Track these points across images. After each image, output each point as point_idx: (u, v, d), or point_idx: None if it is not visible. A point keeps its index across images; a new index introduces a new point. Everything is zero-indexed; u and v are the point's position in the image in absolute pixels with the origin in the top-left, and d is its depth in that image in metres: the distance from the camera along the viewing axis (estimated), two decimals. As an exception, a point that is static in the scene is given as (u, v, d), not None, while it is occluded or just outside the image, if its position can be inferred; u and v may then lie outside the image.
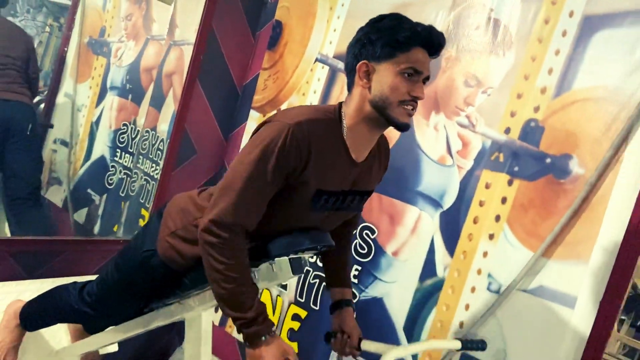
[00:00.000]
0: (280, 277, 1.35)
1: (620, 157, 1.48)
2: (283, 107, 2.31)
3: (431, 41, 1.20)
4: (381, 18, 1.24)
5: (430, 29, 1.21)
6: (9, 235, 2.25)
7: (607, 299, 1.45)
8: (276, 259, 1.31)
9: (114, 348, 2.14)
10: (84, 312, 1.59)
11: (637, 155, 1.45)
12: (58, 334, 1.96)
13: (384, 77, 1.20)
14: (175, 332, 2.45)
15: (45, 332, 1.93)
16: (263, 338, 1.17)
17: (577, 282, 1.52)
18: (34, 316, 1.76)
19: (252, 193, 1.15)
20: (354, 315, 1.50)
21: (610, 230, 1.48)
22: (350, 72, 1.27)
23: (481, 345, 1.42)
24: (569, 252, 1.54)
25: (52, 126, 2.71)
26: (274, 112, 2.10)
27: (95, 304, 1.55)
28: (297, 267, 1.32)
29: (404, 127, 1.24)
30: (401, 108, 1.21)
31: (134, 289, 1.45)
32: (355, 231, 1.58)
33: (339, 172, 1.26)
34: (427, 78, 1.24)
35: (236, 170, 1.17)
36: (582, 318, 1.50)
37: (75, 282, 1.67)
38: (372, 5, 2.06)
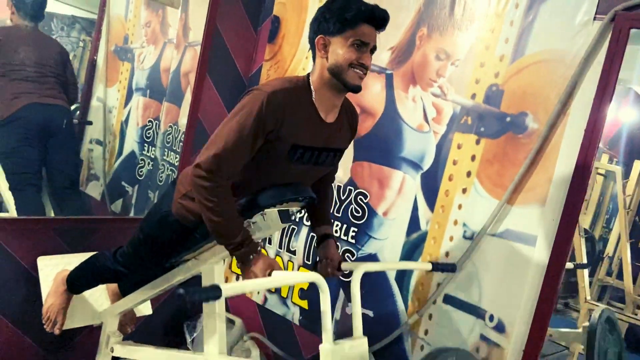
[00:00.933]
0: (272, 226, 1.62)
1: (567, 111, 1.68)
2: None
3: (374, 17, 1.45)
4: (334, 0, 1.49)
5: (373, 8, 1.46)
6: (52, 215, 2.58)
7: (561, 233, 1.66)
8: (266, 211, 1.58)
9: (148, 311, 2.46)
10: (118, 271, 1.90)
11: (581, 108, 1.65)
12: (100, 299, 2.29)
13: (337, 49, 1.46)
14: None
15: (89, 296, 2.26)
16: (251, 257, 1.46)
17: (536, 223, 1.73)
18: (78, 280, 2.08)
19: (232, 147, 1.41)
20: (336, 246, 1.75)
21: (561, 175, 1.68)
22: (312, 46, 1.53)
23: (451, 267, 1.67)
24: (528, 197, 1.76)
25: (90, 123, 3.02)
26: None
27: (126, 262, 1.86)
28: (284, 217, 1.59)
29: (356, 89, 1.49)
30: (352, 72, 1.46)
31: (156, 245, 1.74)
32: (333, 177, 1.84)
33: (311, 130, 1.51)
34: (374, 48, 1.49)
35: (221, 129, 1.44)
36: (541, 253, 1.71)
37: (110, 249, 1.98)
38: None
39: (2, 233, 2.11)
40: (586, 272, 3.54)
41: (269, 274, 1.44)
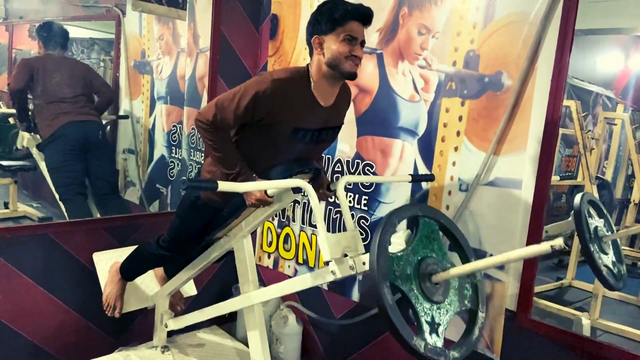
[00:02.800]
0: (286, 198, 1.87)
1: (535, 66, 1.88)
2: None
3: (359, 14, 1.68)
4: (323, 4, 1.73)
5: (358, 6, 1.69)
6: (98, 216, 2.89)
7: (540, 174, 1.86)
8: (279, 184, 1.84)
9: (194, 292, 2.76)
10: (162, 255, 2.20)
11: (547, 62, 1.84)
12: (150, 284, 2.60)
13: (331, 45, 1.69)
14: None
15: (141, 283, 2.57)
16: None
17: (520, 168, 1.93)
18: (130, 268, 2.39)
19: (226, 107, 1.70)
20: (327, 179, 1.98)
21: (536, 123, 1.88)
22: (309, 45, 1.77)
23: (430, 177, 2.00)
24: (511, 147, 1.96)
25: (127, 117, 3.28)
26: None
27: (168, 246, 2.15)
28: (295, 188, 1.84)
29: (352, 75, 1.72)
30: (348, 62, 1.69)
31: (191, 226, 2.03)
32: (341, 159, 2.04)
33: (311, 115, 1.76)
34: (363, 42, 1.71)
35: (225, 94, 1.73)
36: (527, 194, 1.92)
37: (153, 239, 2.28)
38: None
39: (60, 236, 2.43)
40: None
41: (265, 192, 1.71)
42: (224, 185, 1.51)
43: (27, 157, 2.90)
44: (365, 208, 2.48)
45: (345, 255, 1.65)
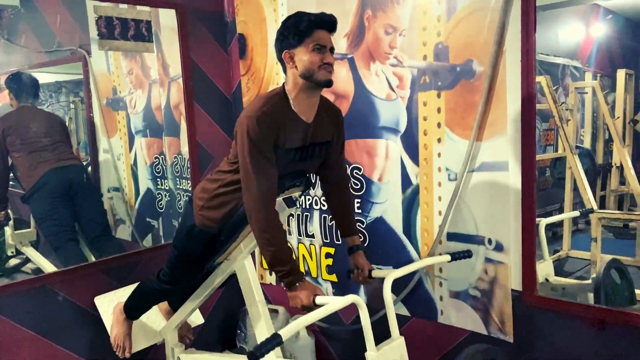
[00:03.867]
0: (281, 213, 1.88)
1: (503, 48, 1.92)
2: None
3: (324, 22, 1.70)
4: (287, 19, 1.75)
5: (321, 15, 1.71)
6: (93, 259, 2.87)
7: (525, 152, 1.90)
8: (273, 200, 1.84)
9: (200, 320, 2.75)
10: (165, 288, 2.18)
11: (514, 43, 1.88)
12: (156, 319, 2.58)
13: (303, 57, 1.70)
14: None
15: (147, 319, 2.55)
16: (297, 284, 1.71)
17: (504, 150, 1.97)
18: (133, 307, 2.37)
19: (262, 171, 1.67)
20: (364, 254, 2.00)
21: (513, 104, 1.92)
22: (281, 61, 1.78)
23: (467, 254, 1.93)
24: (492, 131, 2.00)
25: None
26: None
27: (169, 279, 2.13)
28: (289, 202, 1.86)
29: (328, 83, 1.74)
30: (322, 70, 1.71)
31: (190, 256, 2.02)
32: (346, 182, 2.04)
33: (298, 133, 1.77)
34: (332, 48, 1.74)
35: (244, 163, 1.69)
36: (514, 174, 1.95)
37: (152, 275, 2.26)
38: (303, -3, 2.56)
39: (59, 285, 2.41)
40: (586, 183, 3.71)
41: (313, 300, 1.67)
42: (286, 333, 1.41)
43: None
44: (359, 210, 2.49)
45: None
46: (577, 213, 3.53)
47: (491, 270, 2.08)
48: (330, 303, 1.60)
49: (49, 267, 2.74)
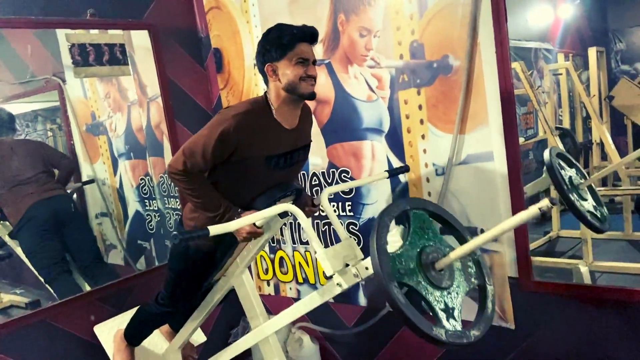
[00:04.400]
0: (275, 224, 1.88)
1: (477, 40, 1.95)
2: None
3: (306, 35, 1.71)
4: (268, 32, 1.75)
5: (303, 28, 1.72)
6: (89, 288, 2.83)
7: (508, 140, 1.93)
8: (266, 213, 1.85)
9: (203, 339, 2.74)
10: (165, 312, 2.17)
11: (487, 34, 1.91)
12: (158, 342, 2.56)
13: (285, 70, 1.71)
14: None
15: (149, 344, 2.53)
16: (235, 218, 1.74)
17: (488, 140, 2.00)
18: (134, 333, 2.35)
19: (195, 153, 1.70)
20: (309, 196, 2.02)
21: (492, 95, 1.95)
22: (262, 74, 1.78)
23: (405, 168, 2.07)
24: (474, 123, 2.03)
25: (93, 181, 3.24)
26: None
27: (168, 302, 2.13)
28: (282, 213, 1.85)
29: (311, 96, 1.75)
30: (304, 83, 1.72)
31: (187, 276, 2.02)
32: (316, 172, 2.12)
33: (279, 140, 1.78)
34: (315, 61, 1.75)
35: (192, 138, 1.74)
36: (500, 163, 1.98)
37: (150, 298, 2.25)
38: (274, 6, 2.56)
39: (57, 318, 2.38)
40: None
41: (254, 224, 1.73)
42: (215, 229, 1.53)
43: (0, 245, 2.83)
44: (352, 213, 2.50)
45: (347, 265, 1.67)
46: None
47: (486, 260, 2.10)
48: (265, 210, 1.69)
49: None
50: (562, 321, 1.99)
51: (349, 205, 2.51)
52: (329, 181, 2.55)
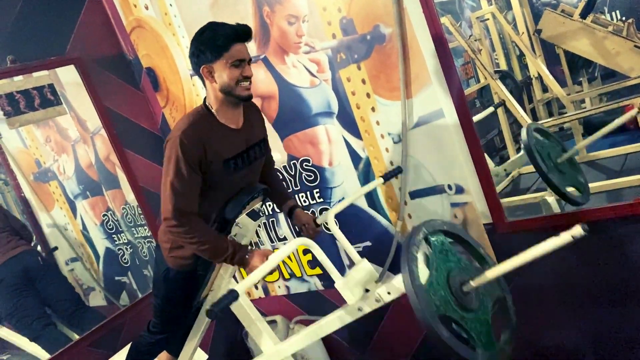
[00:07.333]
0: (249, 228, 1.88)
1: (404, 5, 1.97)
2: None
3: (240, 35, 1.69)
4: (202, 32, 1.71)
5: (236, 27, 1.69)
6: (77, 337, 2.77)
7: (452, 92, 1.98)
8: (238, 219, 1.84)
9: (205, 357, 2.71)
10: (159, 339, 2.14)
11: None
12: (161, 372, 2.52)
13: (221, 72, 1.69)
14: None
15: (151, 376, 2.49)
16: (247, 256, 1.72)
17: (435, 99, 2.04)
18: (135, 368, 2.31)
19: (182, 192, 1.67)
20: (310, 215, 2.04)
21: (428, 52, 1.99)
22: (199, 76, 1.75)
23: (398, 170, 2.05)
24: (418, 85, 2.06)
25: (56, 248, 3.17)
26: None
27: (160, 328, 2.10)
28: (254, 215, 1.86)
29: (246, 99, 1.74)
30: (239, 86, 1.71)
31: (174, 300, 1.99)
32: (272, 163, 2.11)
33: (230, 142, 1.76)
34: (250, 60, 1.73)
35: (165, 183, 1.68)
36: (451, 117, 2.03)
37: (142, 330, 2.21)
38: (196, 13, 2.51)
39: (52, 374, 2.32)
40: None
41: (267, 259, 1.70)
42: (242, 288, 1.50)
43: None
44: (321, 199, 2.52)
45: (367, 290, 1.68)
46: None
47: (459, 213, 2.16)
48: (283, 250, 1.66)
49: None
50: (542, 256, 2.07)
51: (317, 192, 2.52)
52: (292, 173, 2.55)
